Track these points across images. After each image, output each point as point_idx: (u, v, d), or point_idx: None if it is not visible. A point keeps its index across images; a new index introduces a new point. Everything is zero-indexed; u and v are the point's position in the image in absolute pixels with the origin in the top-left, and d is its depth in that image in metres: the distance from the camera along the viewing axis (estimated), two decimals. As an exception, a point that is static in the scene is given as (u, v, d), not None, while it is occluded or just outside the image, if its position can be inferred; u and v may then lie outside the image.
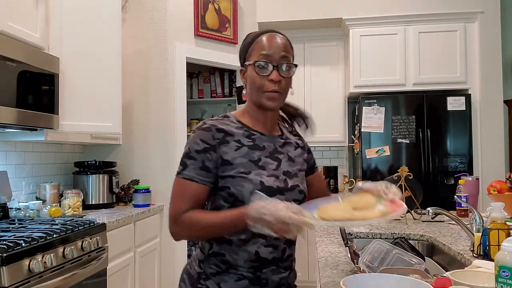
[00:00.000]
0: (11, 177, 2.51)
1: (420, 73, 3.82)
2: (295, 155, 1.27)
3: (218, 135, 1.15)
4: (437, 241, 1.85)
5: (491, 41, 3.76)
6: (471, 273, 1.09)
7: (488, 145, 3.74)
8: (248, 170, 1.14)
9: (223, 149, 1.15)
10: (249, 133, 1.20)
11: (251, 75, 1.18)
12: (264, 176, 1.14)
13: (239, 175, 1.13)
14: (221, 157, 1.14)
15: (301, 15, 4.02)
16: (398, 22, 3.87)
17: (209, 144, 1.14)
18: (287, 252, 1.20)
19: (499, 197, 1.96)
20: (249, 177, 1.12)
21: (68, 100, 2.47)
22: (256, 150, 1.18)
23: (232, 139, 1.17)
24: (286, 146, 1.27)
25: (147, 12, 3.32)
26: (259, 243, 1.14)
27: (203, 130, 1.16)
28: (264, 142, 1.21)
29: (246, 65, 1.20)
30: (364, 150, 3.75)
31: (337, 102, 4.24)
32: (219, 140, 1.15)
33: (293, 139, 1.32)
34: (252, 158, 1.16)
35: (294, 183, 1.20)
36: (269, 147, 1.21)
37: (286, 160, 1.23)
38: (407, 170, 2.32)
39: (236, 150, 1.16)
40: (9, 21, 2.04)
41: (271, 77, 1.15)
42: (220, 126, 1.17)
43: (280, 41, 1.18)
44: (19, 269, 1.58)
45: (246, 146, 1.17)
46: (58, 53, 2.40)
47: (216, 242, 1.17)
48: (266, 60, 1.15)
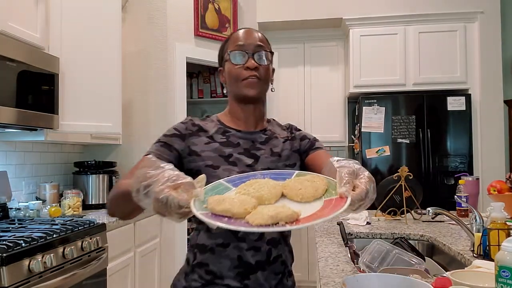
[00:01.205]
0: (11, 177, 2.51)
1: (420, 73, 3.82)
2: (282, 149, 1.20)
3: (191, 127, 1.16)
4: (437, 241, 1.85)
5: (491, 41, 3.76)
6: (471, 273, 1.09)
7: (488, 145, 3.74)
8: (217, 165, 1.10)
9: (192, 140, 1.14)
10: (224, 130, 1.18)
11: (228, 69, 1.16)
12: (234, 172, 1.08)
13: (206, 168, 1.09)
14: (189, 147, 1.13)
15: (301, 15, 4.02)
16: (398, 22, 3.87)
17: (179, 132, 1.15)
18: (273, 253, 1.11)
19: (499, 197, 1.96)
20: (217, 172, 1.08)
21: (68, 100, 2.47)
22: (228, 147, 1.14)
23: (205, 135, 1.16)
24: (271, 141, 1.21)
25: (147, 12, 3.32)
26: (240, 247, 1.08)
27: (180, 122, 1.18)
28: (240, 139, 1.17)
29: (224, 62, 1.19)
30: (364, 150, 3.75)
31: (337, 102, 4.25)
32: (190, 132, 1.15)
33: (282, 133, 1.26)
34: (222, 153, 1.13)
35: None
36: (245, 143, 1.17)
37: (267, 156, 1.17)
38: (407, 170, 2.31)
39: (206, 144, 1.14)
40: (9, 21, 2.04)
41: (247, 64, 1.13)
42: (197, 122, 1.19)
43: (255, 33, 1.18)
44: (19, 269, 1.58)
45: (218, 142, 1.15)
46: (58, 53, 2.40)
47: (199, 251, 1.12)
48: (241, 50, 1.14)
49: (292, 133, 1.28)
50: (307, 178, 0.88)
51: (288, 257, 1.18)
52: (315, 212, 0.77)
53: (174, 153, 1.12)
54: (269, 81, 1.19)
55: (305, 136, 1.28)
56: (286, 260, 1.16)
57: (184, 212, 0.75)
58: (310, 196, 0.83)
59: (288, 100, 4.23)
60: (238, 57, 1.14)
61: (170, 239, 3.21)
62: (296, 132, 1.29)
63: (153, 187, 0.74)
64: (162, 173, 0.76)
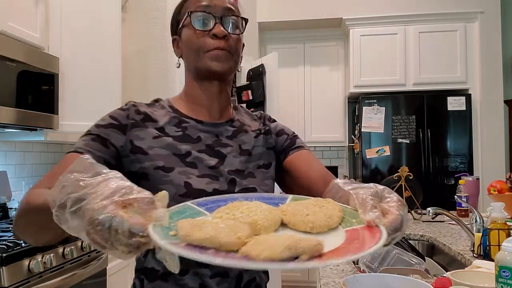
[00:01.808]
0: (11, 177, 2.51)
1: (420, 73, 3.82)
2: (253, 145, 0.95)
3: (135, 116, 0.88)
4: (437, 241, 1.84)
5: (491, 41, 3.75)
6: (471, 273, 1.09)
7: (488, 145, 3.74)
8: (170, 166, 0.84)
9: (136, 133, 0.86)
10: (179, 120, 0.91)
11: (187, 36, 0.89)
12: (193, 176, 0.84)
13: (156, 170, 0.83)
14: (131, 143, 0.85)
15: (301, 15, 4.02)
16: (398, 22, 3.87)
17: (118, 121, 0.87)
18: (244, 278, 0.87)
19: (499, 197, 1.96)
20: (169, 176, 0.82)
21: (68, 100, 2.47)
22: (185, 143, 0.87)
23: (153, 126, 0.88)
24: (240, 136, 0.94)
25: (147, 12, 3.32)
26: (201, 274, 0.83)
27: (118, 109, 0.91)
28: (200, 132, 0.90)
29: (179, 28, 0.92)
30: (364, 150, 3.75)
31: (337, 102, 4.25)
32: (133, 122, 0.87)
33: (253, 125, 1.00)
34: (177, 151, 0.86)
35: (249, 185, 0.88)
36: (207, 138, 0.90)
37: (235, 154, 0.91)
38: (407, 170, 2.32)
39: (154, 138, 0.86)
40: (9, 21, 2.04)
41: (214, 31, 0.86)
42: (142, 108, 0.91)
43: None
44: (19, 269, 1.58)
45: (171, 136, 0.88)
46: (58, 53, 2.40)
47: (147, 278, 0.87)
48: (206, 11, 0.87)
49: (266, 125, 1.01)
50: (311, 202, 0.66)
51: (262, 279, 0.93)
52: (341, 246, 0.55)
53: (111, 149, 0.83)
54: (239, 57, 0.92)
55: (283, 130, 1.02)
56: (261, 283, 0.92)
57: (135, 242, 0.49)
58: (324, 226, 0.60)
59: (288, 100, 4.23)
60: (202, 21, 0.87)
61: (170, 239, 3.20)
62: (270, 124, 1.03)
63: (88, 202, 0.49)
64: (104, 182, 0.52)
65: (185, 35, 0.90)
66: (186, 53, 0.91)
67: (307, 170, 0.94)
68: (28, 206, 0.70)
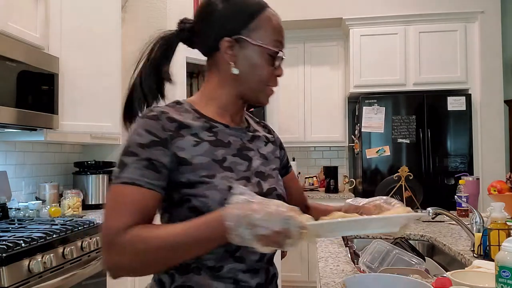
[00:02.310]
0: (11, 177, 2.51)
1: (420, 73, 3.82)
2: (267, 151, 1.00)
3: (169, 125, 0.85)
4: (437, 241, 1.84)
5: (491, 41, 3.75)
6: (471, 273, 1.09)
7: (488, 145, 3.74)
8: (212, 173, 0.85)
9: (177, 144, 0.84)
10: (209, 125, 0.91)
11: (255, 60, 0.90)
12: (232, 180, 0.86)
13: (200, 180, 0.83)
14: (175, 155, 0.84)
15: (301, 15, 4.02)
16: (398, 22, 3.87)
17: (158, 137, 0.83)
18: (271, 272, 0.95)
19: (499, 197, 1.96)
20: (214, 183, 0.84)
21: (68, 100, 2.47)
22: (219, 147, 0.89)
23: (188, 133, 0.87)
24: (256, 141, 0.99)
25: (147, 12, 3.32)
26: (236, 270, 0.86)
27: (148, 119, 0.85)
28: (230, 136, 0.92)
29: (246, 40, 0.90)
30: (364, 150, 3.75)
31: (337, 102, 4.25)
32: (171, 133, 0.84)
33: (261, 131, 1.04)
34: (215, 157, 0.87)
35: (271, 186, 0.94)
36: (236, 142, 0.93)
37: (257, 157, 0.96)
38: (407, 170, 2.31)
39: (194, 146, 0.86)
40: (9, 21, 2.04)
41: (278, 72, 0.94)
42: (172, 115, 0.87)
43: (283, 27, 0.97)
44: (19, 269, 1.58)
45: (206, 141, 0.88)
46: (58, 53, 2.40)
47: (178, 273, 0.86)
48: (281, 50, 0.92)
49: (272, 135, 1.09)
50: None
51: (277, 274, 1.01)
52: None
53: (163, 172, 0.82)
54: None
55: (282, 144, 1.12)
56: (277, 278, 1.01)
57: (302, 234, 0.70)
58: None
59: (288, 100, 4.23)
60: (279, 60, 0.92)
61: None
62: (275, 135, 1.11)
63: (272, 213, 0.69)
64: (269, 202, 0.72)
65: (253, 56, 0.90)
66: (247, 72, 0.91)
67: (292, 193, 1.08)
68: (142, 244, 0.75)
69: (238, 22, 0.91)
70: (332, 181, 4.18)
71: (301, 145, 4.33)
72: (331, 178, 4.18)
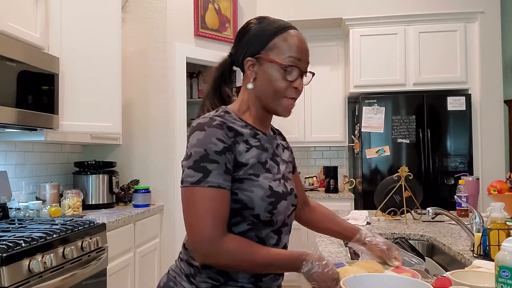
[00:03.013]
0: (11, 177, 2.51)
1: (420, 73, 3.82)
2: (286, 157, 1.18)
3: (230, 133, 1.00)
4: (437, 241, 1.84)
5: (491, 41, 3.76)
6: (471, 273, 1.09)
7: (488, 145, 3.74)
8: (258, 173, 1.01)
9: (237, 149, 1.00)
10: (254, 132, 1.07)
11: (271, 75, 1.03)
12: (271, 180, 1.03)
13: (248, 178, 0.99)
14: (235, 158, 0.99)
15: (301, 15, 4.02)
16: (398, 22, 3.87)
17: (226, 143, 0.98)
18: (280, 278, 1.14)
19: (499, 197, 1.96)
20: (259, 181, 1.00)
21: (68, 100, 2.47)
22: (263, 152, 1.06)
23: (242, 139, 1.02)
24: (279, 148, 1.16)
25: (147, 12, 3.32)
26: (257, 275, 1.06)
27: (215, 128, 0.98)
28: (267, 143, 1.10)
29: (263, 58, 1.04)
30: (364, 150, 3.75)
31: (337, 102, 4.25)
32: (232, 140, 1.00)
33: (278, 139, 1.20)
34: (260, 160, 1.04)
35: (291, 187, 1.12)
36: (270, 148, 1.10)
37: (282, 162, 1.13)
38: (407, 170, 2.31)
39: (246, 151, 1.02)
40: (9, 21, 2.04)
41: (295, 84, 1.04)
42: (229, 124, 1.02)
43: (307, 46, 1.11)
44: (19, 269, 1.58)
45: (254, 147, 1.04)
46: (58, 53, 2.40)
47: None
48: (296, 65, 1.04)
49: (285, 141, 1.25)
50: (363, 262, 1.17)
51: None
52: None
53: (231, 175, 0.99)
54: None
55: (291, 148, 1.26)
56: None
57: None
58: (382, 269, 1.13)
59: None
60: (293, 73, 1.03)
61: (170, 239, 3.21)
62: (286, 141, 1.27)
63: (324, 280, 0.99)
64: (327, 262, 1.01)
65: (270, 72, 1.03)
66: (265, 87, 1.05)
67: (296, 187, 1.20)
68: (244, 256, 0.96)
69: (260, 43, 1.05)
70: (332, 181, 4.18)
71: (301, 145, 4.33)
72: (331, 178, 4.19)
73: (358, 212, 2.30)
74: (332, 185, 4.17)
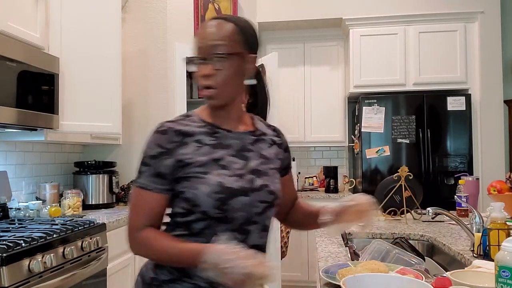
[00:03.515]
0: (11, 177, 2.51)
1: (420, 73, 3.82)
2: (269, 152, 1.15)
3: (176, 138, 1.04)
4: (437, 241, 1.84)
5: (491, 41, 3.76)
6: (471, 273, 1.09)
7: (488, 145, 3.74)
8: (206, 170, 1.02)
9: (181, 151, 1.04)
10: (213, 131, 1.09)
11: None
12: (225, 176, 1.03)
13: (194, 176, 1.02)
14: (179, 160, 1.03)
15: (301, 15, 4.02)
16: (398, 22, 3.87)
17: (164, 148, 1.03)
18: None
19: (499, 197, 1.96)
20: (206, 178, 1.01)
21: (68, 100, 2.47)
22: (219, 149, 1.06)
23: (192, 140, 1.05)
24: (259, 143, 1.14)
25: (147, 12, 3.32)
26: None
27: (158, 133, 1.05)
28: (231, 139, 1.09)
29: None
30: (364, 150, 3.75)
31: (337, 102, 4.25)
32: (177, 143, 1.04)
33: (269, 134, 1.19)
34: (214, 157, 1.05)
35: (264, 183, 1.08)
36: (236, 144, 1.10)
37: (257, 157, 1.11)
38: (407, 170, 2.31)
39: (196, 150, 1.04)
40: (9, 21, 2.04)
41: (199, 72, 1.04)
42: (178, 127, 1.06)
43: (211, 29, 1.04)
44: (19, 269, 1.58)
45: (208, 145, 1.06)
46: (58, 53, 2.40)
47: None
48: (196, 54, 1.05)
49: (280, 138, 1.22)
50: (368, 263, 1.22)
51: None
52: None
53: (168, 178, 1.04)
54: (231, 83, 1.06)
55: (288, 148, 1.24)
56: None
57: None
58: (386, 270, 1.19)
59: (288, 100, 4.23)
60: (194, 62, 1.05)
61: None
62: (283, 138, 1.23)
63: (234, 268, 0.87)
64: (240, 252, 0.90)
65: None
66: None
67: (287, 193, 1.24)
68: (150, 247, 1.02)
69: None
70: (332, 181, 4.18)
71: (301, 145, 4.33)
72: (331, 178, 4.18)
73: (358, 212, 2.29)
74: (332, 185, 4.17)
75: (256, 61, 1.12)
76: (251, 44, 1.08)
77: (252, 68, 1.10)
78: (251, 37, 1.09)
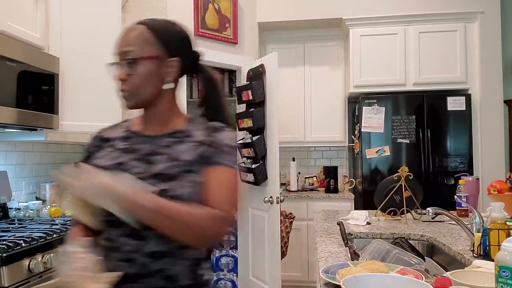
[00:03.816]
0: (11, 177, 2.51)
1: (420, 73, 3.82)
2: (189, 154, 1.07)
3: (97, 143, 1.17)
4: (437, 241, 1.84)
5: (491, 41, 3.76)
6: (471, 273, 1.09)
7: (488, 145, 3.74)
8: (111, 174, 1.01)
9: (97, 155, 1.13)
10: (128, 136, 1.15)
11: None
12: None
13: None
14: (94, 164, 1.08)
15: (301, 15, 4.02)
16: (398, 22, 3.87)
17: (88, 152, 1.17)
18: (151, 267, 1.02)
19: (499, 197, 1.96)
20: None
21: (68, 100, 2.47)
22: (126, 154, 1.10)
23: (108, 145, 1.14)
24: (177, 145, 1.09)
25: (147, 12, 3.32)
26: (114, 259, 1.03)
27: (91, 139, 1.19)
28: (141, 144, 1.12)
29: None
30: (364, 150, 3.75)
31: (337, 102, 4.25)
32: (96, 148, 1.15)
33: (197, 135, 1.11)
34: (118, 161, 1.08)
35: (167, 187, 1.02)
36: (145, 149, 1.10)
37: (165, 161, 1.06)
38: (407, 170, 2.32)
39: (107, 155, 1.11)
40: (9, 21, 2.04)
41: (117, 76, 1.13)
42: (102, 133, 1.18)
43: (123, 34, 1.12)
44: (19, 269, 1.58)
45: (119, 149, 1.11)
46: (58, 53, 2.40)
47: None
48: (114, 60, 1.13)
49: (211, 136, 1.11)
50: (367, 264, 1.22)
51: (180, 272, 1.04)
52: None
53: None
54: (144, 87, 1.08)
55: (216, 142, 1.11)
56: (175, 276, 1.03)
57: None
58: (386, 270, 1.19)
59: (288, 100, 4.23)
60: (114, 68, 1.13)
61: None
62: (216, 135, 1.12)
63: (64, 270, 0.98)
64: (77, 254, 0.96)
65: None
66: None
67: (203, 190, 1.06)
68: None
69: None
70: (332, 181, 4.18)
71: (301, 145, 4.33)
72: (331, 178, 4.18)
73: (358, 212, 2.30)
74: (332, 185, 4.17)
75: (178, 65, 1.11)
76: (172, 48, 1.09)
77: (172, 71, 1.11)
78: (171, 41, 1.09)
